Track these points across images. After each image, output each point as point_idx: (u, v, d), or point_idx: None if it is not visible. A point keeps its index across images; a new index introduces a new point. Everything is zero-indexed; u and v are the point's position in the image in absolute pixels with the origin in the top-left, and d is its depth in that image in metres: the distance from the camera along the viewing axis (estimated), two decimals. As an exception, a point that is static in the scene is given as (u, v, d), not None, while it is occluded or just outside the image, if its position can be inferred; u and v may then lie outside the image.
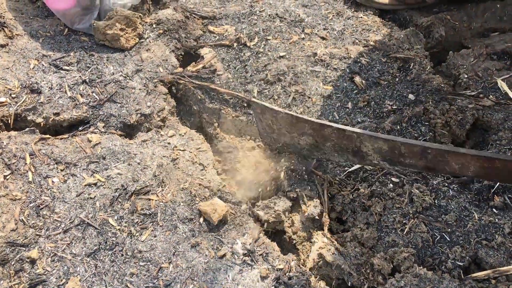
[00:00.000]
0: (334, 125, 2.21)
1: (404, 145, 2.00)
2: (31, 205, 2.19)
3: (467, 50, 3.08)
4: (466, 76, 2.89)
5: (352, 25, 3.30)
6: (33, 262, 2.01)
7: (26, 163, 2.33)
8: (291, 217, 2.38)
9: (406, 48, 3.05)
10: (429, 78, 2.84)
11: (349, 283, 2.07)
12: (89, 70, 2.83)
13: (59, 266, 2.01)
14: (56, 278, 1.98)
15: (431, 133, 2.58)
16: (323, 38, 3.20)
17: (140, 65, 2.92)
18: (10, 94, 2.61)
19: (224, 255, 2.11)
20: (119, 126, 2.65)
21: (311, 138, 2.33)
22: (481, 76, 2.90)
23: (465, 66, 2.96)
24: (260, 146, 2.66)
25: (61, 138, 2.51)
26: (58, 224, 2.14)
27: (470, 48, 3.11)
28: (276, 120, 2.38)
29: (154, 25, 3.20)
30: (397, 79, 2.88)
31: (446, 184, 2.35)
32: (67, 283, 1.96)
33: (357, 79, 2.87)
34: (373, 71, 2.93)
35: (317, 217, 2.30)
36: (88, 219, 2.16)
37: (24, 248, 2.05)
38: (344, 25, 3.30)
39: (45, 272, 1.99)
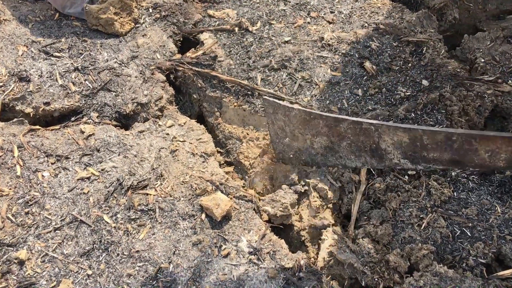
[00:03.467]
0: (350, 118, 2.04)
1: (426, 133, 1.82)
2: (19, 201, 2.03)
3: (483, 33, 2.91)
4: (483, 60, 2.72)
5: (360, 7, 3.12)
6: (21, 263, 1.85)
7: (14, 156, 2.17)
8: (299, 212, 2.22)
9: (419, 32, 2.87)
10: (444, 62, 2.67)
11: (363, 282, 1.92)
12: (81, 57, 2.66)
13: (50, 268, 1.86)
14: (46, 281, 1.82)
15: (447, 121, 2.42)
16: (330, 22, 3.02)
17: (136, 51, 2.75)
18: (-3, 82, 2.44)
19: (229, 253, 1.95)
20: (114, 116, 2.48)
21: (326, 139, 2.14)
22: (498, 60, 2.73)
23: (481, 50, 2.79)
24: (266, 138, 2.49)
25: (52, 129, 2.34)
26: (49, 222, 1.98)
27: (485, 31, 2.94)
28: (289, 121, 2.19)
29: (150, 9, 3.01)
30: (409, 64, 2.71)
31: (466, 175, 2.19)
32: (58, 285, 1.80)
33: (367, 64, 2.69)
34: (384, 56, 2.76)
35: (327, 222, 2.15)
36: (81, 216, 2.00)
37: (11, 248, 1.89)
38: (352, 8, 3.12)
39: (34, 274, 1.84)
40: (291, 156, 2.31)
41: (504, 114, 2.53)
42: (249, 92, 2.62)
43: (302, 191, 2.25)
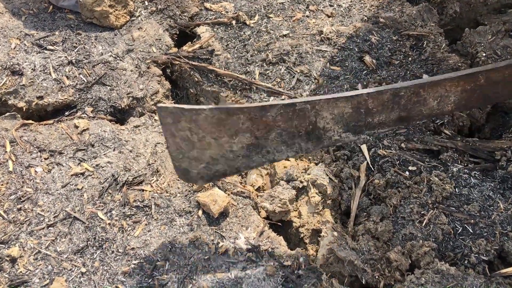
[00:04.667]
0: (280, 102, 1.74)
1: (371, 96, 1.67)
2: (11, 197, 1.98)
3: (484, 27, 2.86)
4: (484, 54, 2.68)
5: (360, 1, 3.07)
6: (13, 260, 1.81)
7: (6, 151, 2.12)
8: (297, 208, 2.18)
9: (419, 25, 2.83)
10: (445, 56, 2.63)
11: (363, 280, 1.88)
12: (75, 50, 2.60)
13: (43, 265, 1.81)
14: (39, 278, 1.78)
15: (449, 116, 2.38)
16: (329, 15, 2.97)
17: (132, 45, 2.69)
18: (-11, 76, 2.38)
19: (226, 251, 1.91)
20: (109, 110, 2.43)
21: (249, 136, 1.77)
22: (500, 54, 2.69)
23: (482, 44, 2.75)
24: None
25: (45, 124, 2.29)
26: (42, 219, 1.93)
27: (487, 25, 2.89)
28: (196, 127, 1.74)
29: (146, 2, 2.96)
30: (410, 58, 2.67)
31: (467, 171, 2.15)
32: (51, 283, 1.76)
33: (367, 58, 2.65)
34: (384, 49, 2.71)
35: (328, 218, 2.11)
36: (75, 212, 1.96)
37: (3, 245, 1.84)
38: (351, 1, 3.07)
39: (27, 271, 1.79)
40: (202, 169, 1.86)
41: (506, 109, 2.50)
42: (247, 87, 2.57)
43: (301, 187, 2.21)
